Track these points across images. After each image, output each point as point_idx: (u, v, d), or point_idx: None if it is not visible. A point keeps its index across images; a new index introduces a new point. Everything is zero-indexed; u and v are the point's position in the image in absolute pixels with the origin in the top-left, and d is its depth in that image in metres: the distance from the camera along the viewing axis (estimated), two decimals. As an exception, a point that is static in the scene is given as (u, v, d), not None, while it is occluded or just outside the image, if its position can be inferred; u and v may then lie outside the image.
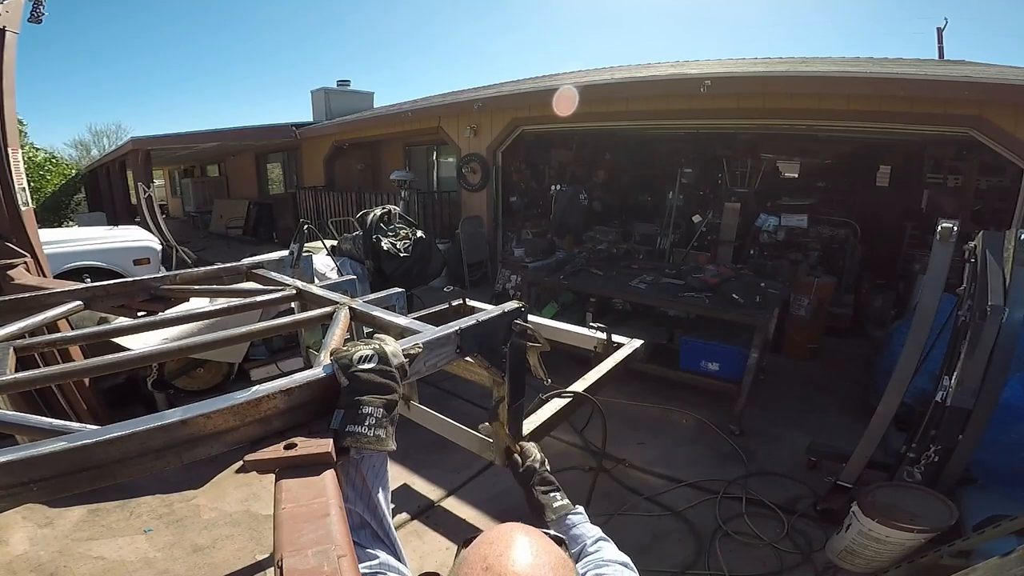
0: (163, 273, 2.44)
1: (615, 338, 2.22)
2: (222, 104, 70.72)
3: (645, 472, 2.93)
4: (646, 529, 2.47)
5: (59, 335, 1.34)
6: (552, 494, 1.18)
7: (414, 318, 1.31)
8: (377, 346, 0.82)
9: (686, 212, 6.83)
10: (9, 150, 2.63)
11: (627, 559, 0.93)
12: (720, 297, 3.55)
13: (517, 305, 1.23)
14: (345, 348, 0.81)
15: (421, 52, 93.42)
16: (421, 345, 0.95)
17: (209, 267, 1.85)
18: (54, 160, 16.26)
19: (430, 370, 1.05)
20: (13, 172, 2.65)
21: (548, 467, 1.26)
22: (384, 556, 0.76)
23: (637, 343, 2.22)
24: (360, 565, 0.73)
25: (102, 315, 2.86)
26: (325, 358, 1.05)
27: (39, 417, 0.79)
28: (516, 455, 1.30)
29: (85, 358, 1.98)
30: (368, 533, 0.78)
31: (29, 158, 14.25)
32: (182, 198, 17.11)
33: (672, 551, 2.33)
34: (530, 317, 1.34)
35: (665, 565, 2.24)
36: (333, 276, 3.83)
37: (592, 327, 2.27)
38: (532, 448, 1.29)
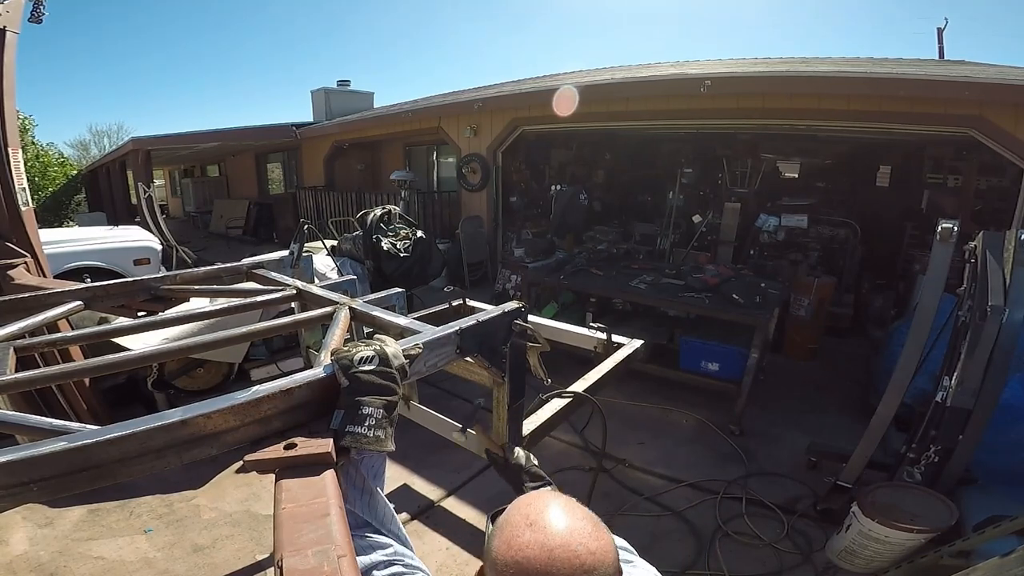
0: (163, 273, 2.44)
1: (615, 338, 2.22)
2: (222, 104, 70.77)
3: (645, 472, 2.93)
4: (646, 529, 2.47)
5: (59, 335, 1.34)
6: (541, 490, 1.19)
7: (414, 318, 1.31)
8: (378, 347, 0.82)
9: (686, 212, 6.83)
10: (9, 150, 2.63)
11: (625, 543, 0.94)
12: (720, 297, 3.55)
13: (517, 305, 1.23)
14: (346, 348, 0.82)
15: (421, 52, 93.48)
16: (421, 346, 0.95)
17: (209, 267, 1.85)
18: (62, 160, 16.29)
19: (430, 370, 1.05)
20: (13, 172, 2.65)
21: (536, 462, 1.27)
22: (397, 545, 0.77)
23: (637, 343, 2.22)
24: (376, 553, 0.74)
25: (102, 315, 2.86)
26: (325, 358, 1.05)
27: (39, 417, 0.79)
28: (497, 454, 1.31)
29: (85, 358, 1.99)
30: (370, 532, 0.79)
31: (35, 156, 14.26)
32: (182, 198, 17.11)
33: (672, 551, 2.33)
34: (530, 317, 1.34)
35: (665, 565, 2.24)
36: (333, 276, 3.83)
37: (592, 327, 2.27)
38: (515, 447, 1.30)
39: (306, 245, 3.75)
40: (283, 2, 79.43)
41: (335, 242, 4.75)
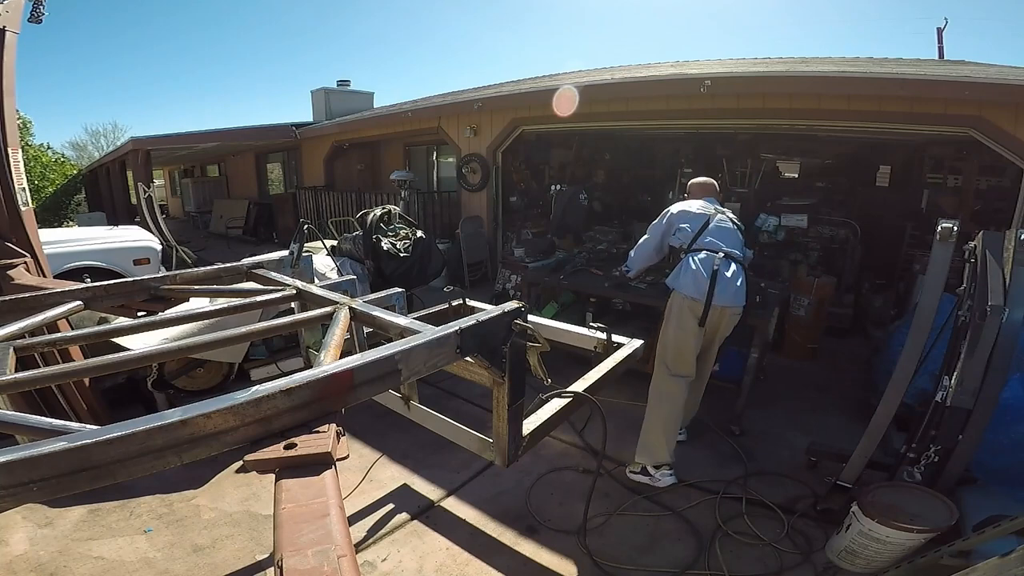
0: (163, 273, 2.44)
1: (615, 338, 2.22)
2: (222, 104, 70.79)
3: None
4: (646, 529, 2.47)
5: (59, 335, 1.34)
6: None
7: (414, 318, 1.31)
8: None
9: (686, 212, 6.81)
10: (9, 150, 2.63)
11: None
12: (720, 297, 3.54)
13: (517, 305, 1.23)
14: None
15: (421, 52, 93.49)
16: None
17: (209, 267, 1.85)
18: (61, 160, 16.32)
19: (430, 370, 1.04)
20: (13, 172, 2.65)
21: None
22: None
23: (637, 343, 2.21)
24: None
25: (102, 315, 2.86)
26: (325, 358, 1.05)
27: (39, 417, 0.79)
28: None
29: (85, 358, 1.98)
30: None
31: (34, 156, 14.28)
32: (182, 198, 17.12)
33: (672, 551, 2.33)
34: (530, 317, 1.34)
35: (665, 565, 2.24)
36: (333, 276, 3.82)
37: (592, 327, 2.27)
38: None
39: (306, 245, 3.75)
40: (283, 1, 79.40)
41: (335, 242, 4.75)
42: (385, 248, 4.30)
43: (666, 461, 2.71)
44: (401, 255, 4.34)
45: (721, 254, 2.77)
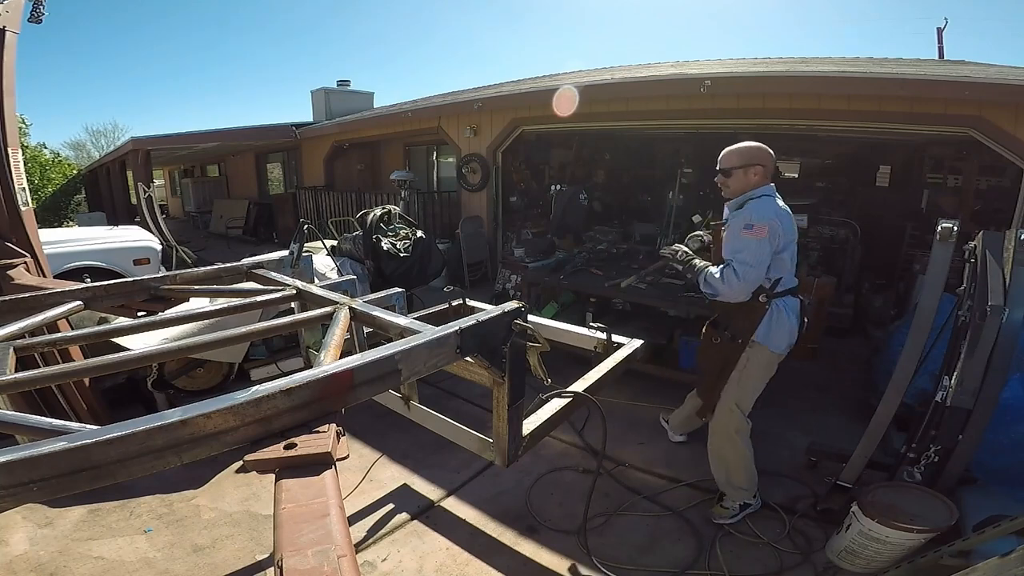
0: (163, 273, 2.44)
1: (615, 338, 2.22)
2: (222, 104, 70.77)
3: (645, 472, 2.93)
4: (646, 529, 2.47)
5: (59, 335, 1.34)
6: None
7: (414, 318, 1.31)
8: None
9: (686, 212, 6.82)
10: (9, 150, 2.64)
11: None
12: (720, 297, 3.54)
13: (517, 305, 1.23)
14: None
15: (421, 52, 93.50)
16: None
17: (209, 267, 1.85)
18: (58, 160, 16.33)
19: (430, 370, 1.05)
20: (13, 172, 2.66)
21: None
22: None
23: (637, 343, 2.22)
24: None
25: (102, 315, 2.87)
26: (325, 358, 1.05)
27: (39, 417, 0.80)
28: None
29: (85, 358, 1.99)
30: None
31: (32, 156, 14.29)
32: (182, 198, 17.12)
33: (672, 551, 2.33)
34: (530, 317, 1.34)
35: (665, 565, 2.24)
36: (333, 276, 3.82)
37: (592, 327, 2.27)
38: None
39: (306, 245, 3.75)
40: (283, 1, 79.35)
41: (335, 242, 4.75)
42: (385, 248, 4.30)
43: (757, 486, 2.60)
44: (401, 255, 4.34)
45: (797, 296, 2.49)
